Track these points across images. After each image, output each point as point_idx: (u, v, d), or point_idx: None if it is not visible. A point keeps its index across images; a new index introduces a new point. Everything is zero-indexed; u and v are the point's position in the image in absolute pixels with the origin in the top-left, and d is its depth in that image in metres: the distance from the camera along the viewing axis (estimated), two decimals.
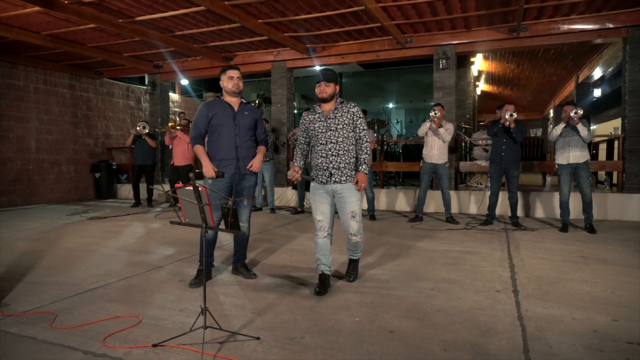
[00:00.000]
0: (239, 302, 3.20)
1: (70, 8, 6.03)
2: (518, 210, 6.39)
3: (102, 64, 9.85)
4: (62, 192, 9.93)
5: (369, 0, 5.76)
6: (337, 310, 3.01)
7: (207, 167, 3.54)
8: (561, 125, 5.72)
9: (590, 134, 5.67)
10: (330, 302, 3.17)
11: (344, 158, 3.37)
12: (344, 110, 3.39)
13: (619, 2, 6.33)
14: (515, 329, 2.69)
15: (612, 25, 6.78)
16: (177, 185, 2.29)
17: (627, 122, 6.83)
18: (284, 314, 2.94)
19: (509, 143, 6.09)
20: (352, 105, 3.43)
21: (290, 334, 2.62)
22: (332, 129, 3.36)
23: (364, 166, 3.40)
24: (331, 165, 3.36)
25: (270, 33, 7.23)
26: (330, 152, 3.37)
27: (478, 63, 11.63)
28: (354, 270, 3.74)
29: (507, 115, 5.88)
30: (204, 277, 2.57)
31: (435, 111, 6.43)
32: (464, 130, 9.30)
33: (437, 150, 6.55)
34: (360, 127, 3.42)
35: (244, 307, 3.08)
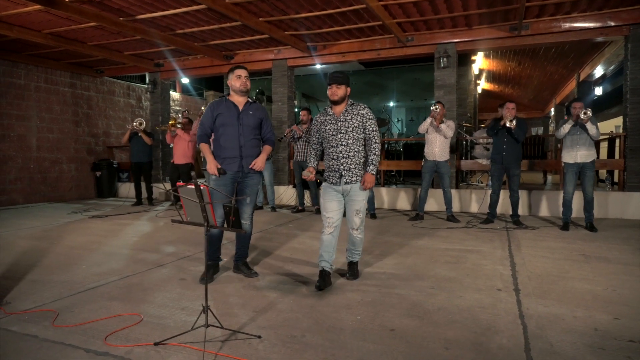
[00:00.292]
0: (240, 300, 3.21)
1: (71, 6, 6.02)
2: (519, 209, 6.39)
3: (103, 63, 9.84)
4: (63, 191, 9.94)
5: None
6: (338, 309, 3.01)
7: (211, 164, 3.60)
8: (569, 123, 5.66)
9: (599, 132, 5.61)
10: (332, 301, 3.18)
11: (354, 160, 3.46)
12: (354, 113, 3.46)
13: (620, 0, 6.31)
14: (516, 327, 2.69)
15: (613, 24, 6.76)
16: (178, 184, 2.29)
17: (629, 120, 6.81)
18: (285, 313, 2.94)
19: (510, 142, 6.08)
20: (363, 107, 3.50)
21: (291, 332, 2.63)
22: (342, 131, 3.45)
23: (371, 167, 3.46)
24: (342, 167, 3.47)
25: (271, 31, 7.22)
26: (341, 155, 3.46)
27: (479, 61, 11.61)
28: (354, 272, 3.75)
29: (508, 122, 5.87)
30: (206, 272, 2.57)
31: (436, 107, 6.42)
32: (465, 129, 9.29)
33: (439, 148, 6.54)
34: (370, 129, 3.48)
35: (245, 306, 3.09)
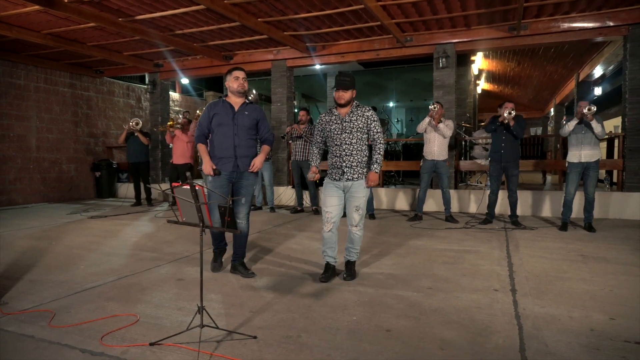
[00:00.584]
0: (237, 301, 3.21)
1: (70, 7, 6.03)
2: (518, 209, 6.38)
3: (102, 63, 9.85)
4: (62, 191, 9.95)
5: None
6: (335, 309, 3.01)
7: (206, 164, 3.67)
8: (574, 121, 5.63)
9: (604, 130, 5.57)
10: (328, 301, 3.18)
11: (356, 157, 3.58)
12: (359, 114, 3.59)
13: (619, 0, 6.31)
14: (512, 327, 2.69)
15: (612, 24, 6.75)
16: (174, 184, 2.29)
17: (628, 120, 6.81)
18: (281, 313, 2.95)
19: (509, 140, 6.07)
20: (367, 109, 3.63)
21: (287, 332, 2.63)
22: (347, 131, 3.58)
23: (375, 165, 3.58)
24: (344, 164, 3.59)
25: (270, 32, 7.23)
26: (345, 152, 3.58)
27: (478, 62, 11.60)
28: (350, 272, 3.76)
29: (506, 113, 5.86)
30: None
31: (434, 106, 6.42)
32: (464, 129, 9.29)
33: (438, 147, 6.54)
34: (375, 130, 3.61)
35: (242, 306, 3.09)
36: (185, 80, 13.31)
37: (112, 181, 10.53)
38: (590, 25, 6.87)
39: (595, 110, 5.42)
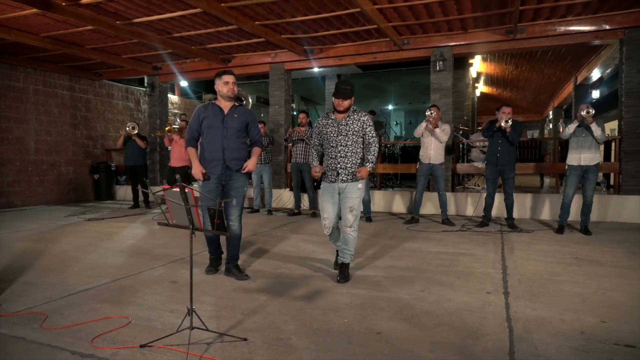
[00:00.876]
0: (230, 303, 3.22)
1: (68, 10, 6.06)
2: (516, 212, 6.38)
3: (101, 66, 9.88)
4: (61, 194, 9.97)
5: (364, 2, 5.77)
6: (327, 312, 3.02)
7: (196, 169, 3.72)
8: (574, 124, 5.63)
9: (604, 134, 5.57)
10: (321, 304, 3.19)
11: (351, 160, 3.71)
12: (355, 119, 3.72)
13: (615, 4, 6.33)
14: (502, 330, 2.70)
15: (608, 27, 6.77)
16: (163, 187, 2.30)
17: (624, 123, 6.82)
18: (273, 315, 2.95)
19: (505, 144, 6.08)
20: (363, 114, 3.77)
21: (277, 335, 2.63)
22: (342, 134, 3.71)
23: (368, 163, 3.76)
24: (339, 166, 3.72)
25: (268, 35, 7.25)
26: (339, 155, 3.71)
27: (477, 65, 11.64)
28: (344, 275, 3.78)
29: (503, 122, 5.87)
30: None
31: (431, 111, 6.43)
32: (461, 132, 9.30)
33: (434, 151, 6.55)
34: (370, 135, 3.75)
35: (234, 308, 3.10)
36: (184, 83, 13.35)
37: (110, 184, 10.54)
38: (587, 28, 6.89)
39: (593, 112, 5.43)
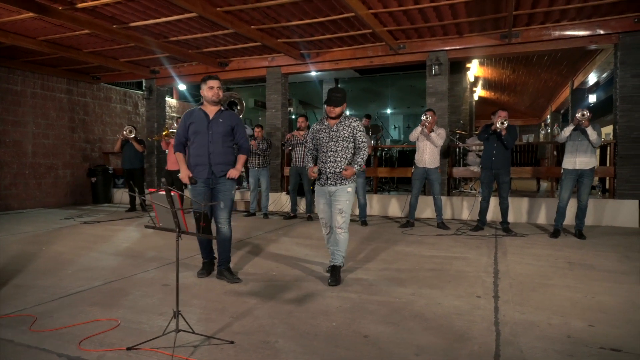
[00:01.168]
0: (219, 306, 3.23)
1: (64, 14, 6.10)
2: (512, 216, 6.36)
3: (99, 69, 9.92)
4: (58, 197, 9.98)
5: (359, 7, 5.81)
6: (316, 315, 3.02)
7: (183, 173, 3.79)
8: (570, 127, 5.65)
9: (600, 138, 5.58)
10: (310, 307, 3.19)
11: (340, 164, 3.84)
12: (346, 125, 3.87)
13: (609, 9, 6.36)
14: (490, 334, 2.70)
15: (602, 32, 6.80)
16: (150, 190, 2.32)
17: (618, 128, 6.84)
18: (262, 319, 2.96)
19: (500, 148, 6.10)
20: (354, 120, 3.92)
21: (265, 338, 2.64)
22: (333, 140, 3.86)
23: (355, 165, 3.86)
24: (329, 170, 3.87)
25: (264, 39, 7.29)
26: (330, 159, 3.86)
27: (474, 69, 11.67)
28: (335, 278, 3.80)
29: (499, 124, 5.89)
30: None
31: (426, 115, 6.46)
32: (457, 136, 9.32)
33: (429, 155, 6.57)
34: (360, 140, 3.89)
35: (223, 312, 3.10)
36: (182, 87, 13.37)
37: (107, 187, 10.56)
38: (581, 33, 6.92)
39: (588, 115, 5.44)
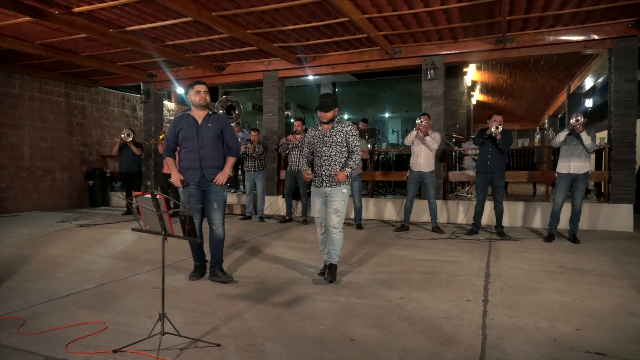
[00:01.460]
0: (209, 309, 3.24)
1: (61, 18, 6.13)
2: (507, 220, 6.35)
3: (97, 73, 9.96)
4: (55, 200, 10.00)
5: (353, 12, 5.84)
6: (304, 318, 3.03)
7: (174, 176, 3.83)
8: (564, 132, 5.68)
9: (594, 144, 5.61)
10: (299, 310, 3.20)
11: (334, 167, 3.98)
12: (338, 130, 4.01)
13: (602, 14, 6.39)
14: (476, 337, 2.71)
15: (597, 37, 6.83)
16: (136, 193, 2.33)
17: (613, 132, 6.85)
18: (250, 322, 2.97)
19: (495, 152, 6.11)
20: (347, 124, 4.04)
21: (252, 341, 2.65)
22: (327, 144, 4.01)
23: (347, 168, 3.97)
24: (324, 173, 4.01)
25: (260, 43, 7.32)
26: (324, 163, 4.01)
27: (471, 73, 11.71)
28: (332, 274, 3.95)
29: (493, 128, 5.91)
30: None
31: (421, 119, 6.48)
32: (454, 140, 9.34)
33: (424, 159, 6.59)
34: (353, 144, 4.01)
35: (212, 314, 3.11)
36: (180, 90, 13.42)
37: (105, 190, 10.57)
38: (576, 38, 6.95)
39: (582, 120, 5.46)
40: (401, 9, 6.03)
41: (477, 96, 14.95)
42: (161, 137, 8.17)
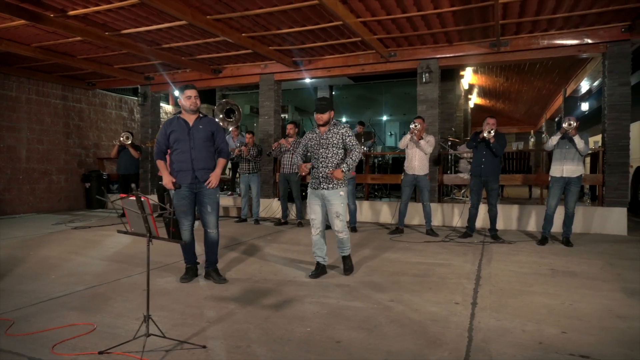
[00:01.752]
0: (197, 311, 3.24)
1: (56, 21, 6.15)
2: (502, 223, 6.35)
3: (94, 76, 9.98)
4: (52, 202, 10.00)
5: (347, 15, 5.87)
6: (292, 320, 3.04)
7: (166, 179, 3.87)
8: (557, 135, 5.70)
9: (587, 147, 5.64)
10: (287, 312, 3.21)
11: (330, 168, 4.05)
12: (334, 132, 4.11)
13: (596, 19, 6.42)
14: (462, 340, 2.72)
15: (590, 41, 6.86)
16: (121, 195, 2.35)
17: (607, 136, 6.87)
18: (238, 324, 2.98)
19: (489, 155, 6.13)
20: (343, 126, 4.15)
21: (238, 342, 2.66)
22: (324, 147, 4.11)
23: (344, 165, 4.02)
24: (321, 175, 4.10)
25: (255, 46, 7.35)
26: (321, 165, 4.11)
27: (468, 76, 11.75)
28: (348, 265, 4.29)
29: (486, 133, 5.93)
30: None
31: (415, 123, 6.50)
32: (449, 143, 9.36)
33: (418, 162, 6.61)
34: (351, 144, 4.09)
35: (201, 316, 3.12)
36: (177, 93, 13.45)
37: (102, 192, 10.58)
38: (570, 42, 6.97)
39: (575, 124, 5.48)
40: (395, 12, 6.06)
41: (474, 99, 14.99)
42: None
